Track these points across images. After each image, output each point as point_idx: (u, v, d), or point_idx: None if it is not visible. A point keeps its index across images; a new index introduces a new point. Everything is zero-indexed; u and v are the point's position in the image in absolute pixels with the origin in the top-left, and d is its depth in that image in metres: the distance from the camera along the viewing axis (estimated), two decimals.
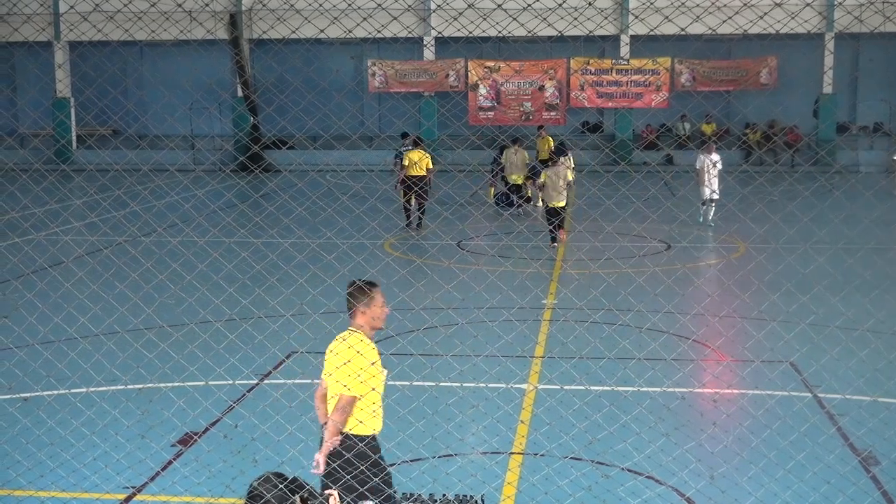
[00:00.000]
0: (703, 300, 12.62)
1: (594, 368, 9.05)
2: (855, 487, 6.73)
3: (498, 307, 11.80)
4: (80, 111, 35.36)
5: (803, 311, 10.70)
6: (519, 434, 8.15)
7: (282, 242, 14.97)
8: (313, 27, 8.03)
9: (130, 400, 8.54)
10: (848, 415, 8.36)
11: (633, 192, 21.97)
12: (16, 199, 20.65)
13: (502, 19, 7.87)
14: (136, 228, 19.06)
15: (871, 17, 9.93)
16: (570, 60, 33.56)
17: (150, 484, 7.15)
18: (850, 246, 15.15)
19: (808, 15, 27.83)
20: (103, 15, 7.92)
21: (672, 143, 34.66)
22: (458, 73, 34.23)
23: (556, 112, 34.06)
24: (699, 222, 20.34)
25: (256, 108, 34.49)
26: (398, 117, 35.46)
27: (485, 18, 6.76)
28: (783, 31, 7.80)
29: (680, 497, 6.87)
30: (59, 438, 7.55)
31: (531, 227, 19.83)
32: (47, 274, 13.62)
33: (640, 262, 15.64)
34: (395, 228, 19.78)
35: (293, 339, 10.01)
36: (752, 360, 10.05)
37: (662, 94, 33.43)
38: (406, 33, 30.51)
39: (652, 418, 8.01)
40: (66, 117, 34.04)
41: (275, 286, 12.02)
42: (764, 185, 23.24)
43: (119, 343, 10.16)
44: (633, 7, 32.67)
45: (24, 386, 8.71)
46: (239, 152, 32.13)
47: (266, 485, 4.20)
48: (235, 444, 7.58)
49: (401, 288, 12.04)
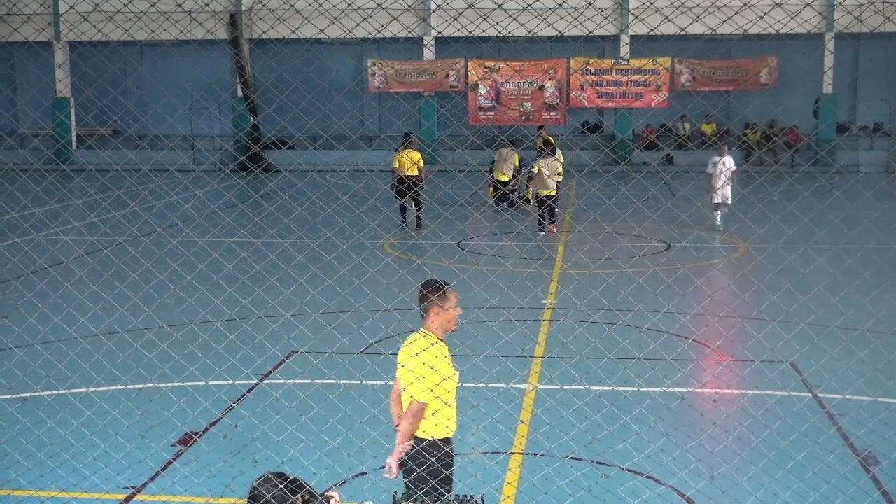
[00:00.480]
0: (704, 300, 12.62)
1: (594, 368, 9.04)
2: (855, 487, 6.73)
3: (498, 307, 11.80)
4: (80, 111, 35.36)
5: (803, 311, 10.70)
6: (519, 434, 8.15)
7: (282, 242, 14.98)
8: (313, 27, 8.03)
9: (130, 400, 8.54)
10: (848, 415, 8.36)
11: (633, 192, 21.97)
12: (16, 199, 20.65)
13: (502, 19, 7.87)
14: (136, 228, 19.06)
15: (871, 17, 9.94)
16: (570, 60, 33.56)
17: (150, 484, 7.15)
18: (850, 246, 15.15)
19: (808, 15, 27.83)
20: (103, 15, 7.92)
21: (672, 144, 34.67)
22: (458, 73, 34.24)
23: (556, 112, 34.06)
24: (719, 230, 19.31)
25: (256, 108, 34.49)
26: (398, 117, 35.46)
27: (485, 18, 6.76)
28: (783, 31, 7.80)
29: (680, 497, 6.87)
30: (59, 438, 7.55)
31: (531, 228, 19.83)
32: (47, 274, 13.62)
33: (640, 262, 15.64)
34: (395, 228, 19.78)
35: (293, 339, 10.02)
36: (752, 360, 10.05)
37: (662, 94, 33.43)
38: (406, 33, 30.51)
39: (652, 418, 8.01)
40: (66, 117, 34.03)
41: (275, 286, 12.02)
42: (764, 186, 23.24)
43: (119, 343, 10.15)
44: (633, 7, 32.66)
45: (24, 386, 8.71)
46: (239, 152, 32.13)
47: (266, 485, 4.20)
48: (235, 445, 7.58)
49: (401, 288, 12.03)
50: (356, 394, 8.70)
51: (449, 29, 27.65)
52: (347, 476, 7.09)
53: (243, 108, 34.41)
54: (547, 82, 33.90)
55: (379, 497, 6.29)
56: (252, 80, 34.91)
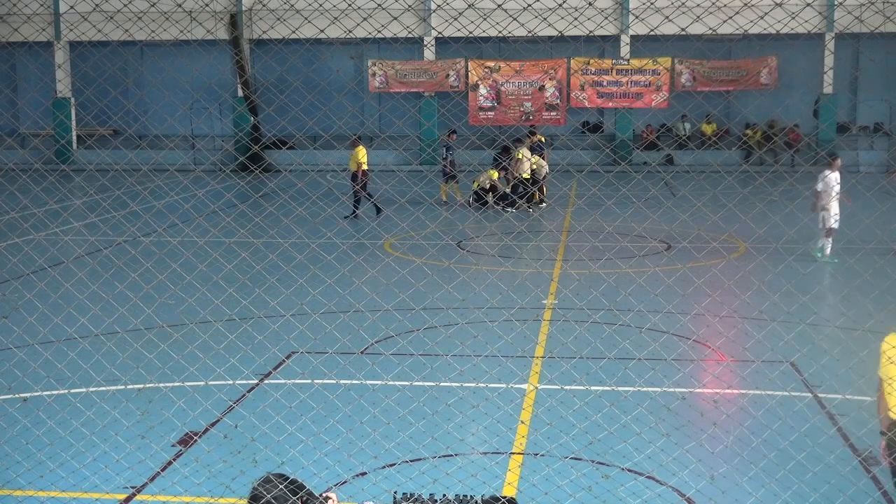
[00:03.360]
0: (704, 300, 12.61)
1: (594, 368, 9.04)
2: (855, 488, 6.73)
3: (498, 307, 11.80)
4: (81, 111, 35.36)
5: (803, 312, 10.70)
6: (519, 434, 8.14)
7: (282, 243, 14.98)
8: (313, 27, 8.02)
9: (130, 400, 8.54)
10: (848, 415, 8.35)
11: (633, 192, 21.97)
12: (16, 199, 20.64)
13: (502, 19, 7.86)
14: (136, 228, 19.06)
15: (872, 17, 9.92)
16: (570, 60, 33.56)
17: (150, 484, 7.14)
18: (850, 246, 15.15)
19: (809, 15, 27.82)
20: (103, 15, 7.91)
21: (672, 144, 34.67)
22: (458, 73, 34.23)
23: (556, 112, 34.05)
24: (817, 257, 16.16)
25: (256, 108, 34.49)
26: (398, 117, 35.46)
27: (485, 18, 6.75)
28: (783, 31, 7.79)
29: (680, 497, 6.86)
30: (59, 439, 7.54)
31: (532, 227, 19.83)
32: (47, 274, 13.62)
33: (640, 263, 15.64)
34: (395, 228, 19.77)
35: (293, 339, 10.02)
36: (752, 361, 10.05)
37: (663, 95, 33.43)
38: (406, 33, 30.50)
39: (652, 418, 8.01)
40: (66, 117, 34.03)
41: (275, 286, 12.02)
42: (764, 185, 23.24)
43: (119, 343, 10.15)
44: (633, 7, 32.67)
45: (24, 386, 8.70)
46: (239, 152, 32.12)
47: (266, 485, 4.22)
48: (235, 445, 7.58)
49: (401, 288, 12.03)
50: (356, 394, 8.70)
51: (449, 29, 27.64)
52: (347, 476, 7.09)
53: (243, 109, 34.41)
54: (547, 82, 33.89)
55: (379, 497, 6.28)
56: (252, 80, 34.90)
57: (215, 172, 29.78)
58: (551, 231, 19.56)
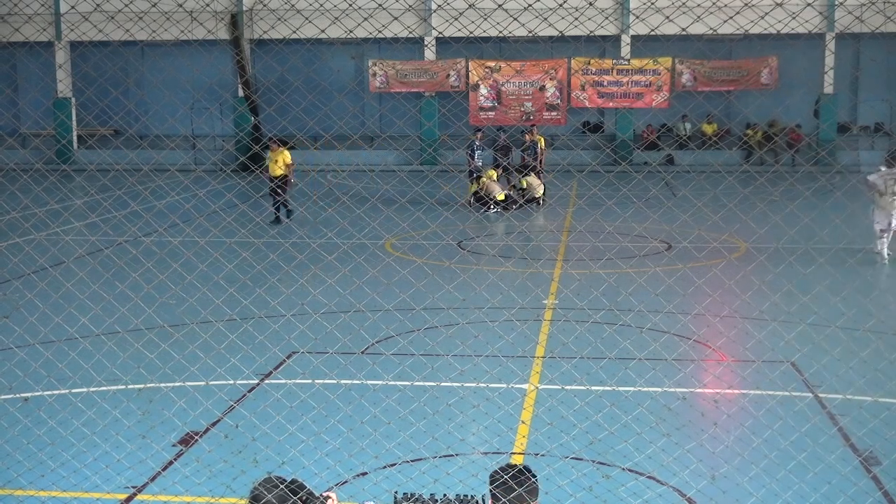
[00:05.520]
0: (704, 300, 12.61)
1: (595, 368, 9.04)
2: (856, 488, 6.73)
3: (499, 307, 11.80)
4: (81, 111, 35.37)
5: (804, 311, 10.69)
6: (520, 434, 8.14)
7: (282, 242, 14.98)
8: (314, 27, 8.02)
9: (131, 400, 8.54)
10: (849, 415, 8.35)
11: (633, 193, 21.97)
12: (16, 199, 20.64)
13: (503, 19, 7.87)
14: (137, 228, 19.06)
15: (872, 17, 9.93)
16: (570, 60, 33.56)
17: (151, 484, 7.15)
18: (850, 246, 15.15)
19: (809, 15, 27.82)
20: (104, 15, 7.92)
21: (673, 144, 34.67)
22: (458, 73, 34.23)
23: (556, 112, 34.05)
24: (885, 261, 15.80)
25: (257, 108, 34.49)
26: (399, 117, 35.46)
27: (485, 18, 6.75)
28: (784, 31, 7.79)
29: (681, 497, 6.86)
30: (59, 438, 7.55)
31: (532, 228, 19.83)
32: (48, 274, 13.62)
33: (640, 263, 15.64)
34: (396, 228, 19.77)
35: (294, 339, 10.02)
36: (752, 361, 10.05)
37: (663, 95, 33.42)
38: (407, 33, 30.50)
39: (653, 418, 8.01)
40: (66, 117, 34.04)
41: (275, 286, 12.02)
42: (765, 185, 23.23)
43: (120, 343, 10.15)
44: (634, 7, 32.66)
45: (24, 386, 8.71)
46: (240, 152, 32.13)
47: (267, 486, 4.23)
48: (236, 445, 7.58)
49: (401, 288, 12.03)
50: (357, 394, 8.71)
51: (450, 29, 27.63)
52: (348, 476, 7.09)
53: (244, 109, 34.41)
54: (548, 82, 33.89)
55: (380, 497, 6.28)
56: (253, 80, 34.91)
57: (216, 172, 29.79)
58: (551, 231, 19.55)
